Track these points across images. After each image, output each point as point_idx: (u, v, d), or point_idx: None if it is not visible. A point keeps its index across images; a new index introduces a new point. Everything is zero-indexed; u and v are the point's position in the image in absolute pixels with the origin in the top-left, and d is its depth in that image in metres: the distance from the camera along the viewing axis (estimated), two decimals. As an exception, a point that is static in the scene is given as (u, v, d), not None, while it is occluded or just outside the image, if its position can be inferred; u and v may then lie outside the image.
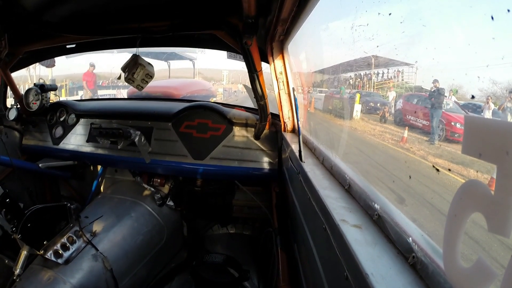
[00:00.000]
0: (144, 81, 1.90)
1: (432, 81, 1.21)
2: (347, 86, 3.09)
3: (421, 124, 1.93)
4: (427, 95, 1.80)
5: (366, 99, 2.90)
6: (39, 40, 2.13)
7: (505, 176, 0.37)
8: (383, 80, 2.55)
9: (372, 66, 2.41)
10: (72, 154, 2.51)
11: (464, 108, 1.51)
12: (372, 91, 2.85)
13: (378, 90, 2.76)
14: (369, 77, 2.81)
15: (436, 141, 1.72)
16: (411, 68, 1.90)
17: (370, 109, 2.87)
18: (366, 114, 2.77)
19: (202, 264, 2.13)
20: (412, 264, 0.66)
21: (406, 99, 2.23)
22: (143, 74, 1.88)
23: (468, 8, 0.65)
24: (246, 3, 1.28)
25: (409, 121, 2.07)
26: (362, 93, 2.89)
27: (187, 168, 2.23)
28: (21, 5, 1.64)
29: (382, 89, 2.64)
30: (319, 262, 1.02)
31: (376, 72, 2.62)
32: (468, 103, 1.42)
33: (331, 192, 1.08)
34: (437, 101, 1.60)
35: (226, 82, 18.36)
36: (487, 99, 1.05)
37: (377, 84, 2.72)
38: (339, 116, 2.90)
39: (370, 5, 0.95)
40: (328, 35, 1.80)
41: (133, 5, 1.72)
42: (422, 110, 1.93)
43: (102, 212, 2.06)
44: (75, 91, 11.58)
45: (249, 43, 1.60)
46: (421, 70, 1.55)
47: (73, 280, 1.63)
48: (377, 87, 2.74)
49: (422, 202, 1.19)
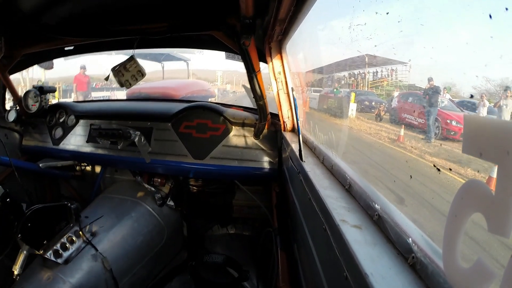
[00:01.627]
0: (134, 77, 1.85)
1: (427, 79, 1.21)
2: (342, 85, 3.10)
3: (417, 123, 1.94)
4: (422, 93, 1.80)
5: (361, 98, 2.90)
6: (38, 42, 2.13)
7: (506, 176, 0.37)
8: (377, 79, 2.55)
9: (366, 65, 2.41)
10: (72, 154, 2.51)
11: (459, 106, 1.51)
12: (367, 89, 2.85)
13: (372, 89, 2.76)
14: (363, 76, 2.81)
15: (433, 139, 1.72)
16: (404, 66, 1.91)
17: (365, 107, 2.88)
18: (362, 112, 2.78)
19: (202, 264, 2.13)
20: (411, 264, 0.66)
21: (401, 97, 2.23)
22: (135, 70, 1.84)
23: (466, 6, 0.65)
24: (244, 3, 1.27)
25: (405, 120, 2.08)
26: (357, 92, 2.90)
27: (187, 168, 2.23)
28: (19, 7, 1.64)
29: (376, 87, 2.64)
30: (318, 262, 1.02)
31: (372, 71, 2.62)
32: (462, 100, 1.42)
33: (331, 192, 1.08)
34: (433, 99, 1.61)
35: (220, 82, 18.38)
36: (481, 97, 1.05)
37: (371, 83, 2.72)
38: (334, 115, 2.91)
39: (367, 4, 0.95)
40: (326, 35, 1.80)
41: (131, 6, 1.72)
42: (418, 108, 1.93)
43: (102, 212, 2.06)
44: (68, 93, 11.48)
45: (247, 43, 1.60)
46: (416, 69, 1.55)
47: (73, 280, 1.63)
48: (371, 86, 2.74)
49: (421, 202, 1.19)
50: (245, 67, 1.77)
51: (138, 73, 1.85)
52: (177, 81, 10.34)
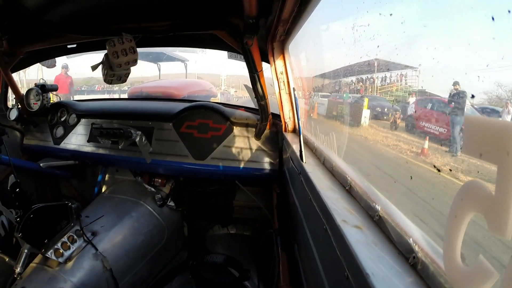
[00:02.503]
0: (127, 63, 1.77)
1: (453, 83, 1.09)
2: (350, 91, 3.01)
3: (438, 132, 1.74)
4: (442, 99, 1.61)
5: (372, 104, 2.74)
6: (40, 40, 2.13)
7: (506, 177, 0.37)
8: (386, 84, 2.50)
9: (375, 70, 2.34)
10: (73, 154, 2.51)
11: (482, 113, 1.36)
12: (376, 94, 2.74)
13: (381, 94, 2.68)
14: (372, 81, 2.76)
15: (459, 153, 1.51)
16: (414, 71, 1.83)
17: (378, 114, 2.72)
18: (375, 120, 2.62)
19: (203, 264, 2.13)
20: (412, 264, 0.66)
21: (419, 104, 2.05)
22: (132, 58, 1.78)
23: (469, 8, 0.65)
24: (247, 3, 1.28)
25: (423, 128, 1.89)
26: (369, 98, 2.75)
27: (188, 168, 2.23)
28: (22, 4, 1.64)
29: (385, 93, 2.56)
30: (319, 262, 1.02)
31: (382, 76, 2.55)
32: (486, 107, 1.27)
33: (332, 192, 1.08)
34: (458, 106, 1.43)
35: (225, 87, 18.18)
36: (506, 104, 1.00)
37: (380, 88, 2.66)
38: (346, 123, 2.71)
39: (371, 5, 0.96)
40: (329, 35, 1.80)
41: (134, 5, 1.73)
42: (439, 116, 1.74)
43: (103, 212, 2.07)
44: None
45: (250, 43, 1.60)
46: (427, 73, 1.44)
47: (74, 279, 1.63)
48: (380, 91, 2.67)
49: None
50: (247, 67, 1.77)
51: (133, 61, 1.80)
52: (178, 81, 10.34)
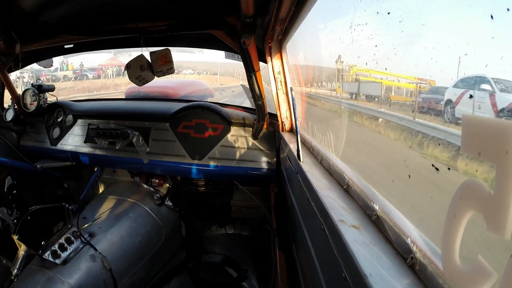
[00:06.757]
0: (161, 72, 1.88)
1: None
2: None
3: None
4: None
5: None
6: (37, 40, 2.11)
7: (505, 176, 0.36)
8: None
9: None
10: (70, 154, 2.49)
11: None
12: None
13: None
14: None
15: None
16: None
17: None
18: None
19: (201, 264, 2.13)
20: (410, 265, 0.65)
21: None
22: (169, 66, 1.87)
23: (467, 7, 0.65)
24: (244, 3, 1.28)
25: None
26: None
27: (185, 168, 2.22)
28: (19, 5, 1.63)
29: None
30: (317, 263, 1.01)
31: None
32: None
33: (329, 192, 1.08)
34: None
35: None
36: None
37: None
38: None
39: (368, 4, 0.95)
40: (327, 34, 1.79)
41: (131, 5, 1.72)
42: None
43: (101, 213, 2.06)
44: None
45: (247, 42, 1.60)
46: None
47: (71, 281, 1.62)
48: None
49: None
50: (245, 67, 1.77)
51: (168, 70, 1.89)
52: (175, 81, 10.28)
